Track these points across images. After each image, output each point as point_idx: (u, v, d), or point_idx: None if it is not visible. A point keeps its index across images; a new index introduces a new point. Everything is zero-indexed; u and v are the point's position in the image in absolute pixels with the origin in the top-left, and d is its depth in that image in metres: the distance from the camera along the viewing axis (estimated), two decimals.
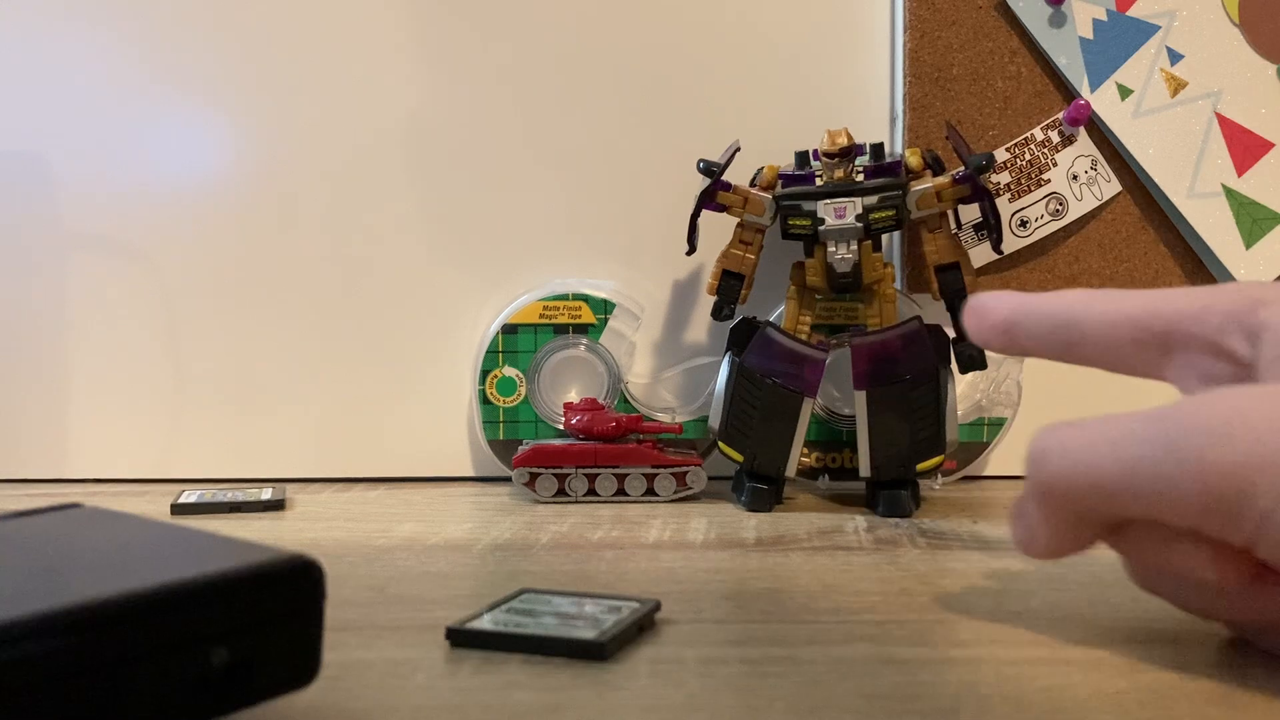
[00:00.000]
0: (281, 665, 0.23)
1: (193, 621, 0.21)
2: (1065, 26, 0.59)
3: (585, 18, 0.62)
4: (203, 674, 0.21)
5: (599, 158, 0.62)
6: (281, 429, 0.63)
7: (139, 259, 0.63)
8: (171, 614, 0.21)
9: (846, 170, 0.53)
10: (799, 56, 0.62)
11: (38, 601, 0.20)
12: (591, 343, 0.59)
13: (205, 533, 0.26)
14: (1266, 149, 0.58)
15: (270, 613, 0.23)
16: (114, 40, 0.62)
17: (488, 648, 0.30)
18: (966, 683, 0.27)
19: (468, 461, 0.63)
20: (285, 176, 0.63)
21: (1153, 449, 0.26)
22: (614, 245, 0.62)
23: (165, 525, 0.27)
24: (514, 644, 0.30)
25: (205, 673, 0.21)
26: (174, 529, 0.27)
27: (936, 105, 0.59)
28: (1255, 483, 0.25)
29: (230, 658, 0.22)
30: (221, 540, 0.25)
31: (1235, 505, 0.25)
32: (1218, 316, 0.30)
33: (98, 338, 0.63)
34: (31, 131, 0.63)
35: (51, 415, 0.63)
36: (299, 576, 0.23)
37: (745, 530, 0.48)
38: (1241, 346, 0.30)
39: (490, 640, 0.30)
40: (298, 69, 0.62)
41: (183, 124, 0.63)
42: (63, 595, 0.20)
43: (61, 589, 0.21)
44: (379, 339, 0.63)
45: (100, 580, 0.21)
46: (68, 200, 0.63)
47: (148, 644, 0.20)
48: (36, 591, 0.21)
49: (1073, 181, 0.59)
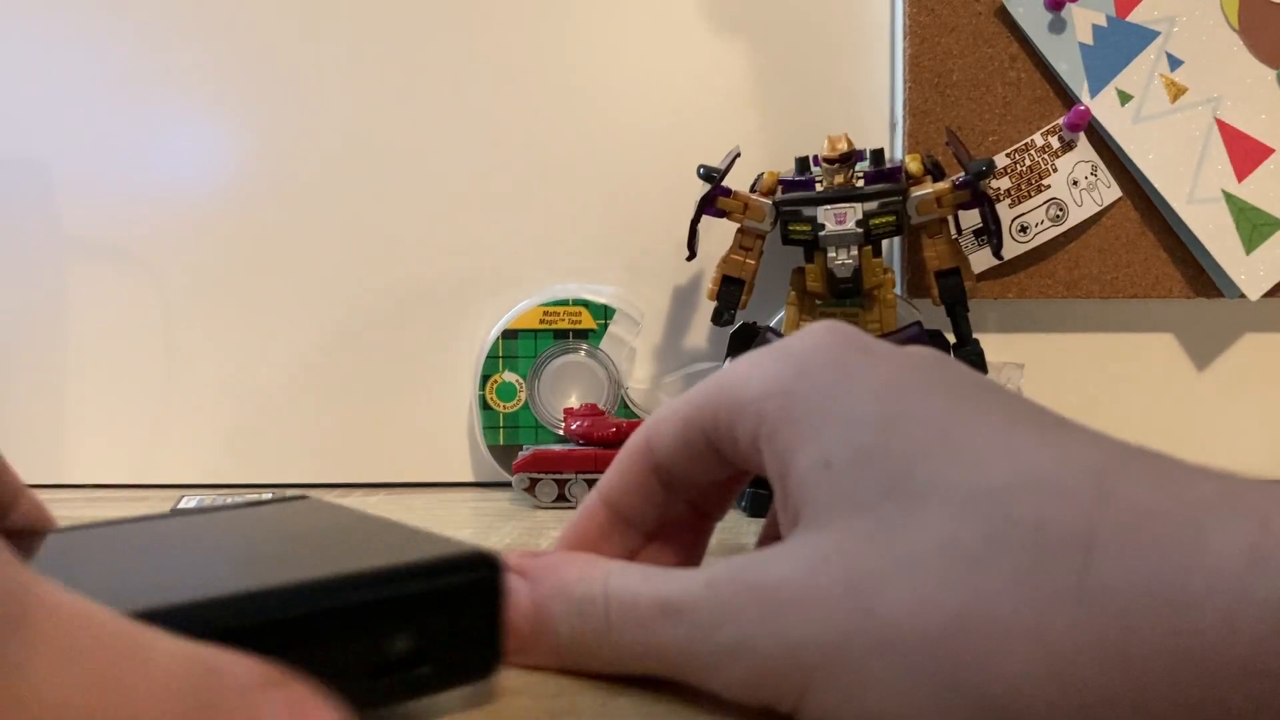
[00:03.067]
0: (464, 655, 0.24)
1: (382, 609, 0.22)
2: (1065, 32, 0.59)
3: (586, 23, 0.62)
4: (386, 660, 0.22)
5: (599, 163, 0.62)
6: (281, 434, 0.63)
7: (139, 264, 0.63)
8: (359, 599, 0.22)
9: (847, 176, 0.53)
10: (799, 62, 0.62)
11: (234, 584, 0.21)
12: (592, 348, 0.59)
13: (389, 522, 0.27)
14: (1267, 154, 0.58)
15: (452, 602, 0.23)
16: (113, 42, 0.62)
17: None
18: None
19: (468, 466, 0.63)
20: (286, 182, 0.63)
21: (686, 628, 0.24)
22: (614, 251, 0.62)
23: (377, 519, 0.28)
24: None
25: (388, 658, 0.22)
26: (386, 522, 0.28)
27: (936, 111, 0.59)
28: (816, 671, 0.22)
29: (414, 646, 0.22)
30: (406, 530, 0.26)
31: (796, 690, 0.23)
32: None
33: (97, 342, 0.63)
34: (31, 134, 0.63)
35: (51, 420, 0.63)
36: (480, 568, 0.24)
37: (746, 535, 0.48)
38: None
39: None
40: (298, 73, 0.62)
41: (184, 127, 0.63)
42: (279, 576, 0.22)
43: (273, 572, 0.22)
44: (379, 344, 0.63)
45: (302, 566, 0.23)
46: (67, 204, 0.63)
47: (337, 626, 0.21)
48: (250, 572, 0.23)
49: (1073, 187, 0.59)
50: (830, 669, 0.22)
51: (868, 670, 0.22)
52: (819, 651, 0.22)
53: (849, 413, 0.24)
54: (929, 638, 0.21)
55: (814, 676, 0.22)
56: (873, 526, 0.23)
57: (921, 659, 0.21)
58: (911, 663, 0.21)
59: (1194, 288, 0.60)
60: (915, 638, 0.21)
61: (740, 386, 0.26)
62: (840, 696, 0.22)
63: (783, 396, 0.25)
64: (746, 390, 0.26)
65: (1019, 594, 0.20)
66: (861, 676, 0.22)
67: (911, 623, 0.21)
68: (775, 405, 0.25)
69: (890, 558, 0.22)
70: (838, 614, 0.22)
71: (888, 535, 0.22)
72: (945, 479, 0.22)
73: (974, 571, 0.21)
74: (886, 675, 0.21)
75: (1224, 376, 0.62)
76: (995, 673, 0.20)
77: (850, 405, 0.24)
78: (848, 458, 0.24)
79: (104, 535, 0.27)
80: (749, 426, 0.26)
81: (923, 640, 0.21)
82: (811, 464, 0.24)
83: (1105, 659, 0.20)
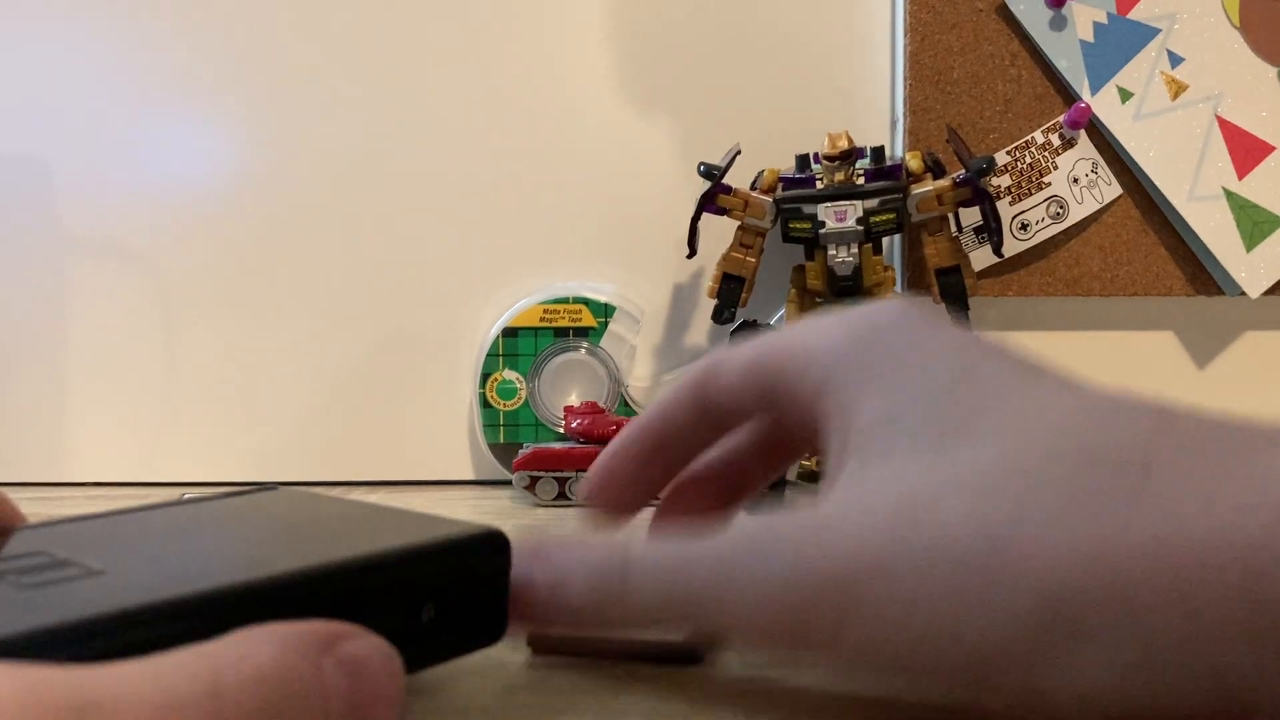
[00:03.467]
0: (476, 623, 0.25)
1: (412, 582, 0.24)
2: (1066, 29, 0.59)
3: (586, 20, 0.62)
4: (416, 629, 0.24)
5: (600, 161, 0.62)
6: (282, 432, 0.63)
7: (139, 262, 0.63)
8: (397, 575, 0.24)
9: (847, 173, 0.53)
10: (800, 60, 0.62)
11: (288, 563, 0.22)
12: (592, 346, 0.59)
13: (398, 509, 0.29)
14: (1267, 152, 0.58)
15: (469, 575, 0.25)
16: (113, 40, 0.62)
17: (570, 652, 0.29)
18: None
19: (468, 465, 0.63)
20: (287, 179, 0.63)
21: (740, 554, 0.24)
22: (614, 248, 0.62)
23: (363, 504, 0.30)
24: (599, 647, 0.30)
25: (418, 628, 0.24)
26: (372, 506, 0.30)
27: (937, 108, 0.59)
28: (858, 595, 0.22)
29: (437, 615, 0.24)
30: (416, 514, 0.28)
31: (833, 619, 0.22)
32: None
33: (97, 340, 0.63)
34: (32, 132, 0.63)
35: (51, 418, 0.63)
36: (492, 544, 0.25)
37: None
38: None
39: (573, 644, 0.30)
40: (300, 71, 0.62)
41: (186, 125, 0.63)
42: (311, 557, 0.23)
43: (307, 553, 0.24)
44: (379, 341, 0.63)
45: (335, 546, 0.24)
46: (66, 203, 0.63)
47: (377, 599, 0.23)
48: (285, 555, 0.24)
49: (1073, 184, 0.59)
50: (874, 587, 0.22)
51: (915, 584, 0.21)
52: (863, 569, 0.22)
53: (918, 370, 0.25)
54: (980, 544, 0.21)
55: (856, 598, 0.22)
56: (930, 457, 0.23)
57: (972, 565, 0.21)
58: (961, 571, 0.21)
59: (1194, 285, 0.60)
60: (965, 545, 0.21)
61: (813, 339, 0.27)
62: (884, 620, 0.22)
63: (853, 353, 0.26)
64: (818, 343, 0.27)
65: (1074, 502, 0.21)
66: (908, 593, 0.21)
67: (962, 531, 0.21)
68: (845, 359, 0.26)
69: (942, 477, 0.22)
70: (884, 530, 0.22)
71: (943, 460, 0.23)
72: (1008, 417, 0.23)
73: (1029, 484, 0.21)
74: (935, 590, 0.21)
75: (1224, 374, 0.62)
76: (1045, 574, 0.20)
77: (919, 363, 0.25)
78: (914, 411, 0.24)
79: (112, 525, 0.28)
80: (815, 376, 0.26)
81: (973, 546, 0.21)
82: (876, 417, 0.24)
83: (1157, 558, 0.20)
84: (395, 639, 0.21)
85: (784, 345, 0.28)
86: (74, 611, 0.19)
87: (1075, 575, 0.20)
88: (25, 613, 0.20)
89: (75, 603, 0.20)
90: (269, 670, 0.18)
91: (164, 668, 0.17)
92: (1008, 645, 0.21)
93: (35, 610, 0.20)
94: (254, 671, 0.18)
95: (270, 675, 0.18)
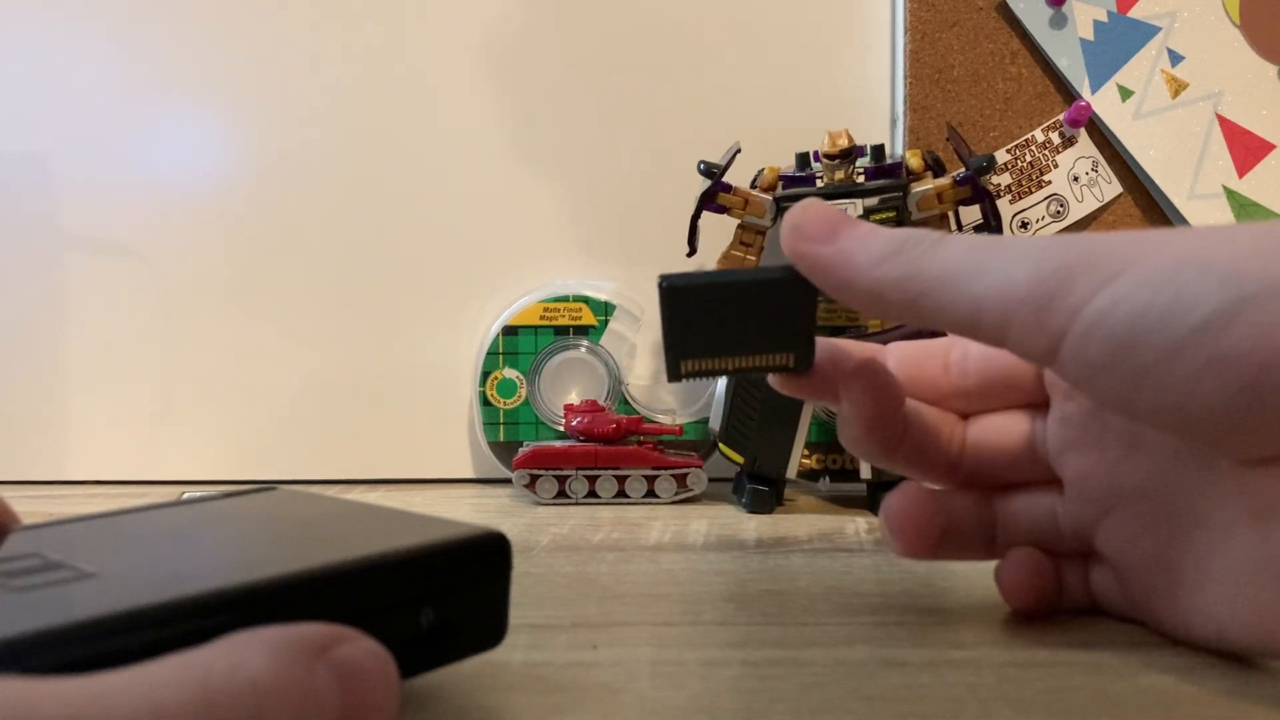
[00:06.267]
0: (476, 627, 0.25)
1: (409, 585, 0.24)
2: (1066, 28, 0.58)
3: (586, 18, 0.62)
4: (414, 632, 0.24)
5: (599, 159, 0.62)
6: (282, 430, 0.63)
7: (139, 260, 0.63)
8: (394, 577, 0.23)
9: (847, 172, 0.53)
10: (799, 58, 0.62)
11: (283, 566, 0.22)
12: (592, 344, 0.59)
13: (397, 509, 0.29)
14: (1267, 150, 0.58)
15: (468, 579, 0.25)
16: (113, 38, 0.62)
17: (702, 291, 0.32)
18: (968, 685, 0.27)
19: (468, 463, 0.63)
20: (286, 177, 0.63)
21: (997, 244, 0.27)
22: (615, 247, 0.62)
23: (362, 504, 0.30)
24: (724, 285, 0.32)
25: (416, 631, 0.24)
26: (371, 507, 0.30)
27: (937, 107, 0.59)
28: (1077, 274, 0.25)
29: (436, 619, 0.24)
30: (416, 515, 0.28)
31: (1043, 304, 0.25)
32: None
33: (96, 339, 0.63)
34: (32, 130, 0.63)
35: (50, 417, 0.63)
36: (492, 547, 0.25)
37: (746, 532, 0.48)
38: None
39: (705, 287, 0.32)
40: (299, 69, 0.62)
41: (185, 123, 0.63)
42: (307, 560, 0.23)
43: (303, 555, 0.23)
44: (379, 340, 0.63)
45: (331, 549, 0.24)
46: (66, 200, 0.63)
47: (374, 603, 0.23)
48: (280, 557, 0.24)
49: (1073, 183, 0.59)
50: (1132, 256, 0.24)
51: (1162, 260, 0.24)
52: (1124, 245, 0.25)
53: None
54: (1218, 235, 0.24)
55: (1123, 259, 0.24)
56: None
57: (1212, 243, 0.24)
58: (1205, 248, 0.24)
59: None
60: (1207, 234, 0.25)
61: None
62: (1139, 290, 0.24)
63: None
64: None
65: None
66: (1160, 262, 0.24)
67: (1202, 232, 0.25)
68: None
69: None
70: (1135, 233, 0.25)
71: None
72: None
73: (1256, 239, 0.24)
74: (1179, 271, 0.24)
75: None
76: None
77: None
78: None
79: (107, 526, 0.28)
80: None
81: (1212, 234, 0.24)
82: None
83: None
84: (392, 643, 0.21)
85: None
86: (64, 615, 0.19)
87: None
88: (14, 616, 0.19)
89: (65, 606, 0.20)
90: (261, 677, 0.18)
91: (154, 676, 0.17)
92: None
93: (24, 614, 0.20)
94: (246, 679, 0.18)
95: (262, 682, 0.18)
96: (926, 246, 0.28)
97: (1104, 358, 0.24)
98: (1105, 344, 0.24)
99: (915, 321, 0.28)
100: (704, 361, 0.33)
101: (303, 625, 0.19)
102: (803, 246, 0.30)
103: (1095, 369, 0.25)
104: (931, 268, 0.27)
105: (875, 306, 0.29)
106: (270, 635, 0.19)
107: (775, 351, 0.32)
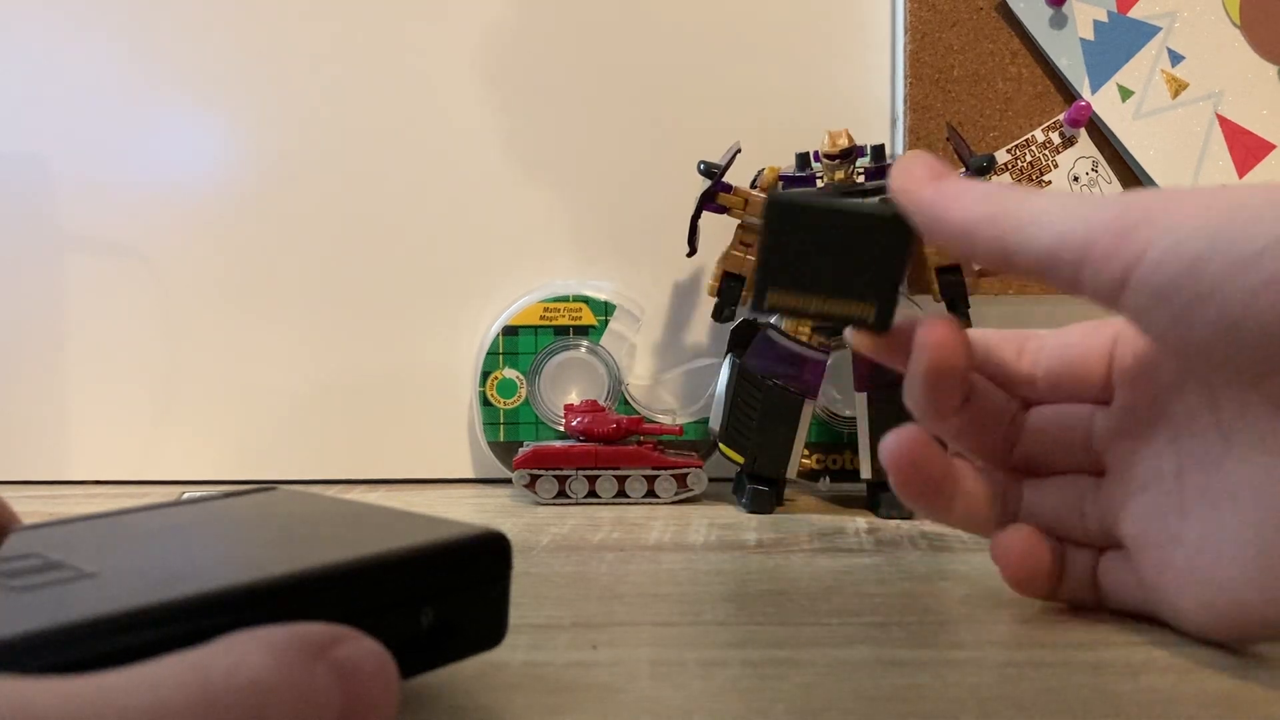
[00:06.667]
0: (476, 627, 0.25)
1: (410, 585, 0.24)
2: (1066, 28, 0.58)
3: (586, 19, 0.62)
4: (415, 632, 0.24)
5: (599, 159, 0.62)
6: (281, 430, 0.63)
7: (140, 261, 0.63)
8: (395, 577, 0.23)
9: (847, 172, 0.53)
10: (800, 58, 0.62)
11: (283, 566, 0.22)
12: (592, 344, 0.59)
13: (398, 509, 0.29)
14: (1267, 150, 0.58)
15: (468, 579, 0.25)
16: (113, 38, 0.62)
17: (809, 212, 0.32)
18: (968, 685, 0.27)
19: (468, 463, 0.63)
20: (286, 177, 0.63)
21: (1083, 194, 0.30)
22: (614, 247, 0.62)
23: (362, 504, 0.30)
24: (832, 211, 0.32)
25: (416, 631, 0.24)
26: (371, 507, 0.30)
27: (937, 107, 0.59)
28: (1154, 209, 0.27)
29: (436, 619, 0.24)
30: (416, 515, 0.28)
31: (1123, 231, 0.27)
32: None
33: (96, 339, 0.63)
34: (31, 130, 0.63)
35: (50, 417, 0.63)
36: (492, 547, 0.25)
37: (746, 532, 0.48)
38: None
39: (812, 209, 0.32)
40: (299, 69, 0.62)
41: (184, 122, 0.63)
42: (307, 560, 0.23)
43: (303, 555, 0.23)
44: (379, 340, 0.63)
45: (331, 549, 0.24)
46: (67, 201, 0.63)
47: (375, 603, 0.23)
48: (280, 557, 0.24)
49: (1074, 183, 0.59)
50: (1202, 199, 0.26)
51: (1233, 198, 0.26)
52: (1194, 192, 0.27)
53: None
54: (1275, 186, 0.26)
55: (1195, 199, 0.26)
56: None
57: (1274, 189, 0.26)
58: (1268, 189, 0.26)
59: None
60: (1264, 185, 0.27)
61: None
62: (1212, 218, 0.26)
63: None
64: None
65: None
66: (1231, 198, 0.26)
67: (1256, 186, 0.27)
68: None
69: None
70: (1201, 187, 0.29)
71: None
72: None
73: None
74: (1244, 206, 0.26)
75: None
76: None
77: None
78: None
79: (107, 526, 0.28)
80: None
81: (1270, 185, 0.26)
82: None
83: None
84: (392, 643, 0.21)
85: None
86: (64, 615, 0.19)
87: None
88: (14, 616, 0.19)
89: (65, 606, 0.20)
90: (261, 677, 0.18)
91: (154, 676, 0.17)
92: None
93: (24, 614, 0.20)
94: (246, 679, 0.18)
95: (263, 682, 0.18)
96: (1019, 193, 0.30)
97: (1172, 280, 0.26)
98: (1176, 265, 0.26)
99: (1000, 259, 0.30)
100: (790, 296, 0.33)
101: (303, 625, 0.19)
102: (909, 184, 0.32)
103: (1161, 293, 0.26)
104: (1022, 209, 0.29)
105: (965, 242, 0.30)
106: (270, 635, 0.19)
107: (860, 299, 0.33)
